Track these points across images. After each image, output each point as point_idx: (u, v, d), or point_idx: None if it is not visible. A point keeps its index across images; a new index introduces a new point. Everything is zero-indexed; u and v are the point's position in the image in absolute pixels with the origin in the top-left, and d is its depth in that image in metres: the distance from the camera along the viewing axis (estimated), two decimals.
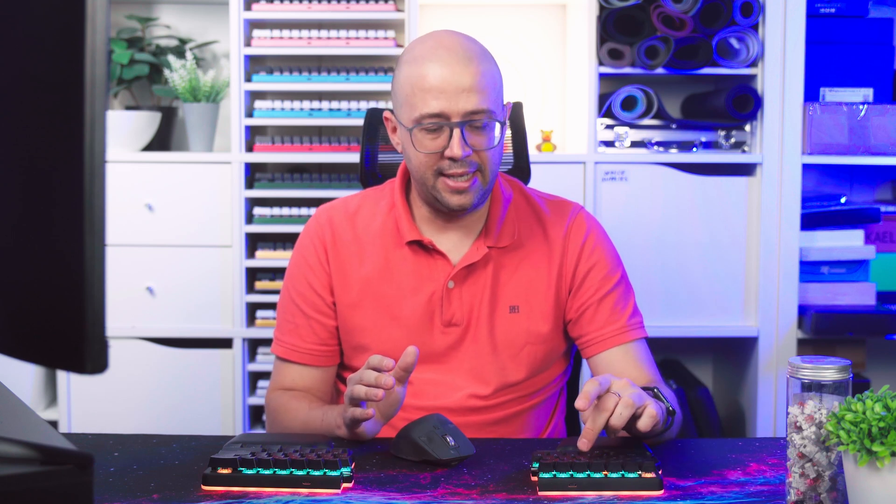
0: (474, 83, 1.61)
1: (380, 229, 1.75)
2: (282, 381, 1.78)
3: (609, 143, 2.84)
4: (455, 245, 1.73)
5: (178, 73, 2.84)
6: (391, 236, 1.74)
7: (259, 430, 2.86)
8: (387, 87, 2.82)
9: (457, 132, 1.61)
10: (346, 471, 1.38)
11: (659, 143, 2.85)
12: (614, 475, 1.34)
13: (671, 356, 3.14)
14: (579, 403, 1.37)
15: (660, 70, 2.78)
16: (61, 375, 2.81)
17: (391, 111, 1.73)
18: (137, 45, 2.97)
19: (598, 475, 1.35)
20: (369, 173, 2.02)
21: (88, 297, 0.86)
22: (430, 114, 1.61)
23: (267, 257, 2.82)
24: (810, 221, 2.85)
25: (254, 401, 2.84)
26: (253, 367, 2.84)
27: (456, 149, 1.60)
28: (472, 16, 3.06)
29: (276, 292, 2.82)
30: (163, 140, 3.05)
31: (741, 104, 2.79)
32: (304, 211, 2.81)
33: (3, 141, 0.92)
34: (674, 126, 2.86)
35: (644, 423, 1.41)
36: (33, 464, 0.91)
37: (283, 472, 1.36)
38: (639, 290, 1.85)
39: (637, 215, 2.81)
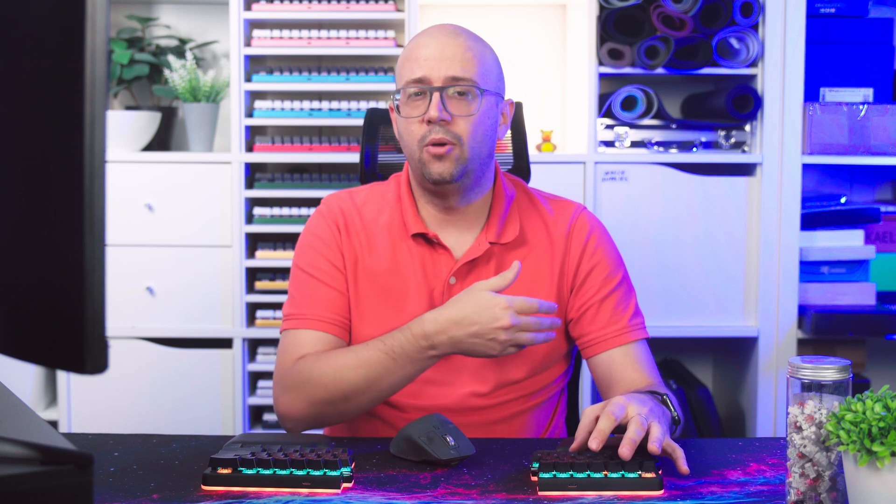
0: (458, 53, 1.65)
1: (387, 222, 1.75)
2: (296, 352, 1.67)
3: (609, 143, 2.84)
4: (457, 240, 1.74)
5: (178, 73, 2.84)
6: (398, 229, 1.74)
7: (259, 430, 2.86)
8: (387, 87, 2.83)
9: (436, 96, 1.63)
10: (346, 471, 1.38)
11: (659, 143, 2.85)
12: (614, 475, 1.34)
13: (671, 356, 3.14)
14: (593, 445, 1.37)
15: (660, 70, 2.78)
16: (61, 375, 2.81)
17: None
18: (137, 45, 2.98)
19: (598, 475, 1.35)
20: (369, 173, 2.02)
21: (88, 297, 0.86)
22: (414, 79, 1.65)
23: (267, 257, 2.82)
24: (810, 221, 2.85)
25: (254, 401, 2.84)
26: (253, 367, 2.84)
27: (433, 111, 1.63)
28: (472, 16, 3.06)
29: (276, 292, 2.82)
30: (163, 140, 3.05)
31: (741, 104, 2.79)
32: (304, 211, 2.81)
33: (3, 141, 0.92)
34: (674, 126, 2.86)
35: (623, 453, 1.37)
36: (33, 464, 0.91)
37: (283, 472, 1.36)
38: (639, 290, 1.85)
39: (637, 215, 2.81)
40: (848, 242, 2.87)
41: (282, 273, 2.83)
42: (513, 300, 1.54)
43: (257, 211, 2.82)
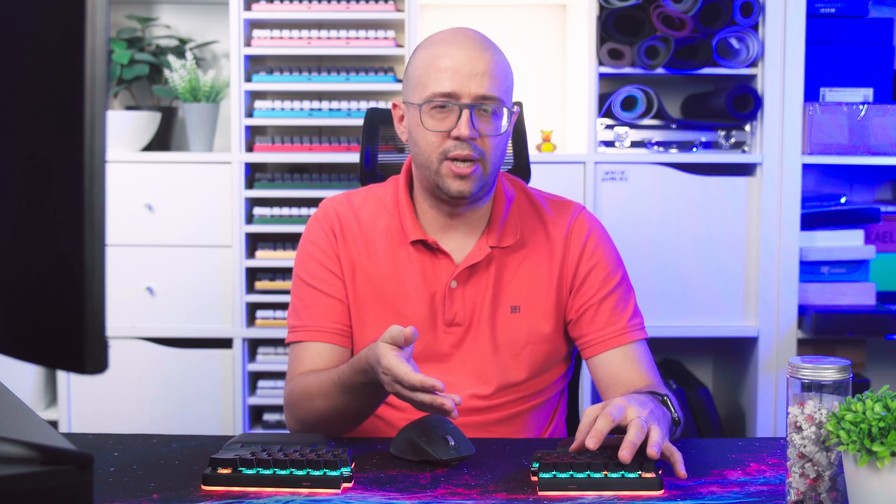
0: (488, 69, 1.63)
1: (385, 227, 1.75)
2: (300, 367, 1.70)
3: (609, 143, 2.84)
4: (458, 245, 1.74)
5: (178, 73, 2.84)
6: (396, 235, 1.74)
7: (259, 430, 2.86)
8: (387, 87, 2.83)
9: (465, 112, 1.62)
10: (346, 471, 1.38)
11: (659, 143, 2.85)
12: (614, 475, 1.34)
13: (671, 356, 3.14)
14: (590, 444, 1.37)
15: (660, 70, 2.78)
16: (61, 375, 2.81)
17: (401, 101, 1.73)
18: (137, 45, 2.98)
19: (598, 475, 1.34)
20: (369, 173, 2.02)
21: (88, 297, 0.86)
22: (442, 92, 1.62)
23: (267, 257, 2.82)
24: (810, 221, 2.85)
25: (254, 401, 2.84)
26: (253, 367, 2.84)
27: (463, 128, 1.61)
28: (472, 16, 3.06)
29: (276, 292, 2.82)
30: (163, 140, 3.05)
31: (741, 104, 2.79)
32: (304, 211, 2.81)
33: (3, 141, 0.92)
34: (674, 126, 2.86)
35: (623, 456, 1.37)
36: (33, 464, 0.91)
37: (283, 472, 1.36)
38: (639, 291, 1.85)
39: (637, 215, 2.81)
40: (848, 242, 2.87)
41: (282, 273, 2.83)
42: (391, 367, 1.42)
43: (257, 211, 2.82)
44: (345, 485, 1.37)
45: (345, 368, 1.57)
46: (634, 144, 2.85)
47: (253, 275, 2.85)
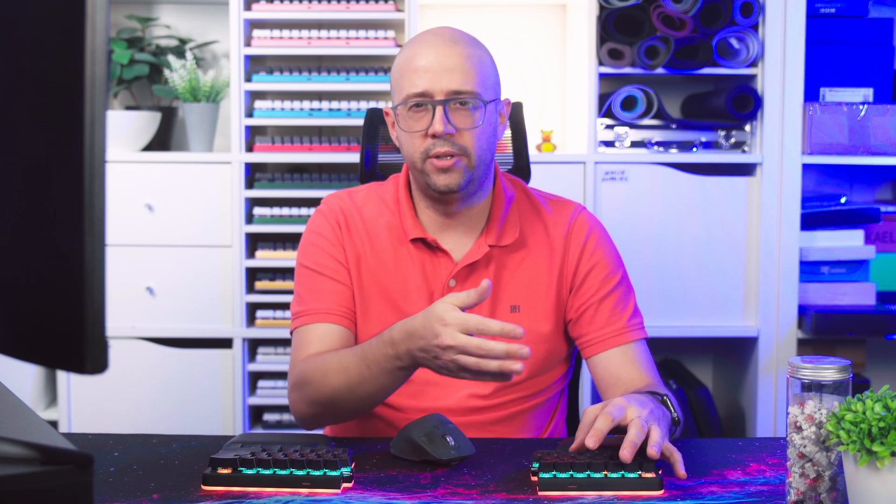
0: (458, 64, 1.64)
1: (386, 225, 1.75)
2: (307, 349, 1.67)
3: (609, 143, 2.84)
4: (457, 243, 1.74)
5: (178, 73, 2.84)
6: (397, 233, 1.74)
7: (259, 430, 2.86)
8: (387, 87, 2.82)
9: (439, 109, 1.62)
10: (346, 471, 1.38)
11: (659, 143, 2.85)
12: (614, 475, 1.34)
13: (671, 356, 3.14)
14: (590, 443, 1.37)
15: (660, 70, 2.78)
16: (61, 375, 2.81)
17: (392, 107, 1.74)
18: (137, 45, 2.98)
19: (598, 475, 1.35)
20: (369, 173, 2.02)
21: (88, 297, 0.86)
22: (415, 93, 1.64)
23: (267, 257, 2.82)
24: (810, 221, 2.85)
25: (254, 401, 2.84)
26: (253, 367, 2.84)
27: (437, 125, 1.62)
28: (472, 16, 3.06)
29: (276, 292, 2.82)
30: (163, 140, 3.05)
31: (741, 104, 2.79)
32: (304, 211, 2.81)
33: (3, 140, 0.92)
34: (674, 126, 2.86)
35: (623, 455, 1.37)
36: (33, 464, 0.91)
37: (283, 472, 1.36)
38: (639, 290, 1.85)
39: (637, 215, 2.81)
40: (848, 242, 2.87)
41: (282, 273, 2.83)
42: (459, 318, 1.40)
43: (257, 211, 2.82)
44: (345, 485, 1.37)
45: (372, 341, 1.55)
46: (634, 144, 2.85)
47: (253, 275, 2.85)
